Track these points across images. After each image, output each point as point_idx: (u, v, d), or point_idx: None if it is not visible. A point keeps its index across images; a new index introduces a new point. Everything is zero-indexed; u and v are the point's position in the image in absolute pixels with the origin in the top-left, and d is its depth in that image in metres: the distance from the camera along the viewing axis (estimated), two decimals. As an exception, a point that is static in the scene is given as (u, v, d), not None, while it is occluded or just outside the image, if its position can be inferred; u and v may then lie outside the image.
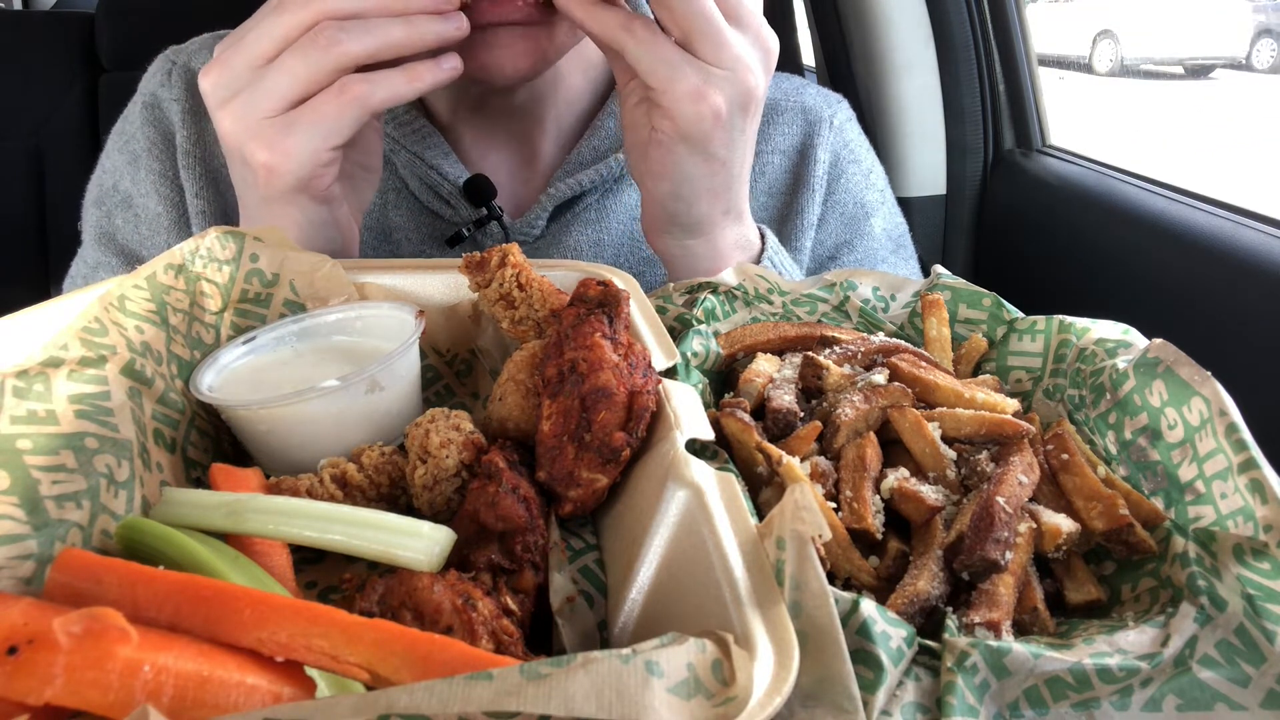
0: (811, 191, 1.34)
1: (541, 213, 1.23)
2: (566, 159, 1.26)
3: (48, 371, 0.59)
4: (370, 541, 0.56)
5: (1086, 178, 1.85)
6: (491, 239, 1.24)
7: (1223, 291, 1.44)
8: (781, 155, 1.35)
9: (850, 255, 1.36)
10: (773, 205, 1.35)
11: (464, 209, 1.23)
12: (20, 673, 0.40)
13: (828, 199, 1.36)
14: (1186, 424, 0.64)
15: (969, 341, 0.86)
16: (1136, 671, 0.51)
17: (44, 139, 2.39)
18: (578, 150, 1.26)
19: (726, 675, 0.43)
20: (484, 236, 1.24)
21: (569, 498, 0.64)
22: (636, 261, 1.30)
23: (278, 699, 0.44)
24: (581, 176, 1.23)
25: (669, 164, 0.96)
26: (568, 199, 1.24)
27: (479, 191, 1.20)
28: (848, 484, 0.66)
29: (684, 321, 0.89)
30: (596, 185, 1.26)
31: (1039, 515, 0.64)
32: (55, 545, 0.54)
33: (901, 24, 2.08)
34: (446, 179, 1.21)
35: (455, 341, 0.92)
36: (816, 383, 0.78)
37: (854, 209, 1.38)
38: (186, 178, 1.24)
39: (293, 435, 0.73)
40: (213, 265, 0.79)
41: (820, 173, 1.35)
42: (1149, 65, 8.12)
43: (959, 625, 0.57)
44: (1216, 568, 0.56)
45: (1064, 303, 1.19)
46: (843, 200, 1.37)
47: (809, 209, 1.34)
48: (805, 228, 1.33)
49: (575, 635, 0.57)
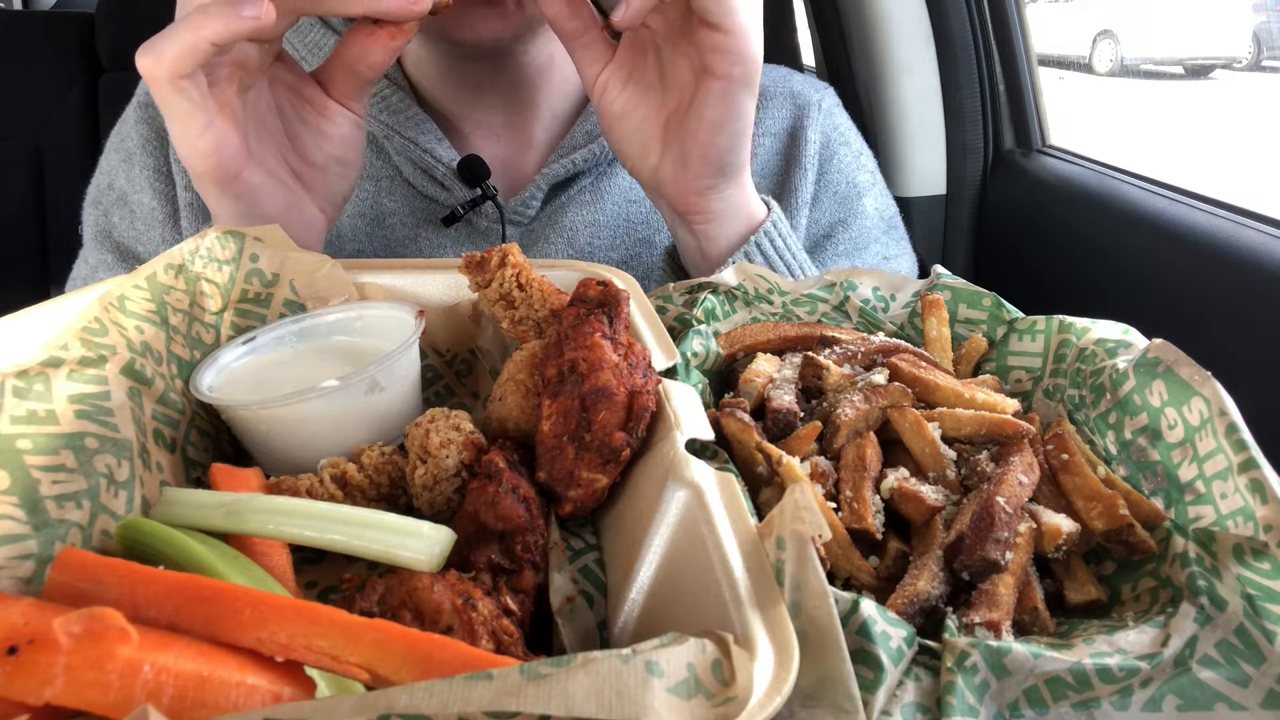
0: (804, 171, 1.35)
1: (536, 192, 1.24)
2: (561, 143, 1.27)
3: (48, 371, 0.59)
4: (370, 541, 0.56)
5: (1086, 178, 1.85)
6: (486, 219, 1.25)
7: (1223, 291, 1.44)
8: (772, 138, 1.37)
9: (845, 233, 1.37)
10: (765, 187, 1.36)
11: (459, 190, 1.24)
12: (20, 673, 0.40)
13: (820, 179, 1.37)
14: (1186, 424, 0.64)
15: (969, 341, 0.86)
16: (1136, 671, 0.51)
17: (44, 139, 2.39)
18: (571, 135, 1.27)
19: (726, 675, 0.43)
20: (479, 217, 1.25)
21: (569, 498, 0.64)
22: (632, 243, 1.30)
23: (278, 699, 0.44)
24: (575, 156, 1.24)
25: (730, 111, 0.94)
26: (562, 179, 1.25)
27: (473, 172, 1.21)
28: (848, 484, 0.66)
29: (684, 321, 0.89)
30: (591, 167, 1.26)
31: (1039, 515, 0.64)
32: (55, 545, 0.54)
33: (901, 24, 2.08)
34: (440, 161, 1.22)
35: (455, 341, 0.92)
36: (816, 383, 0.78)
37: (846, 188, 1.39)
38: (177, 170, 1.25)
39: (293, 435, 0.73)
40: (213, 265, 0.79)
41: (812, 152, 1.36)
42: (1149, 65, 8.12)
43: (959, 625, 0.57)
44: (1216, 568, 0.56)
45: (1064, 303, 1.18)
46: (835, 180, 1.38)
47: (802, 188, 1.35)
48: (799, 206, 1.34)
49: (575, 635, 0.57)
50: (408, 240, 1.26)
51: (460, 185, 1.23)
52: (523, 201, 1.24)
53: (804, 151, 1.36)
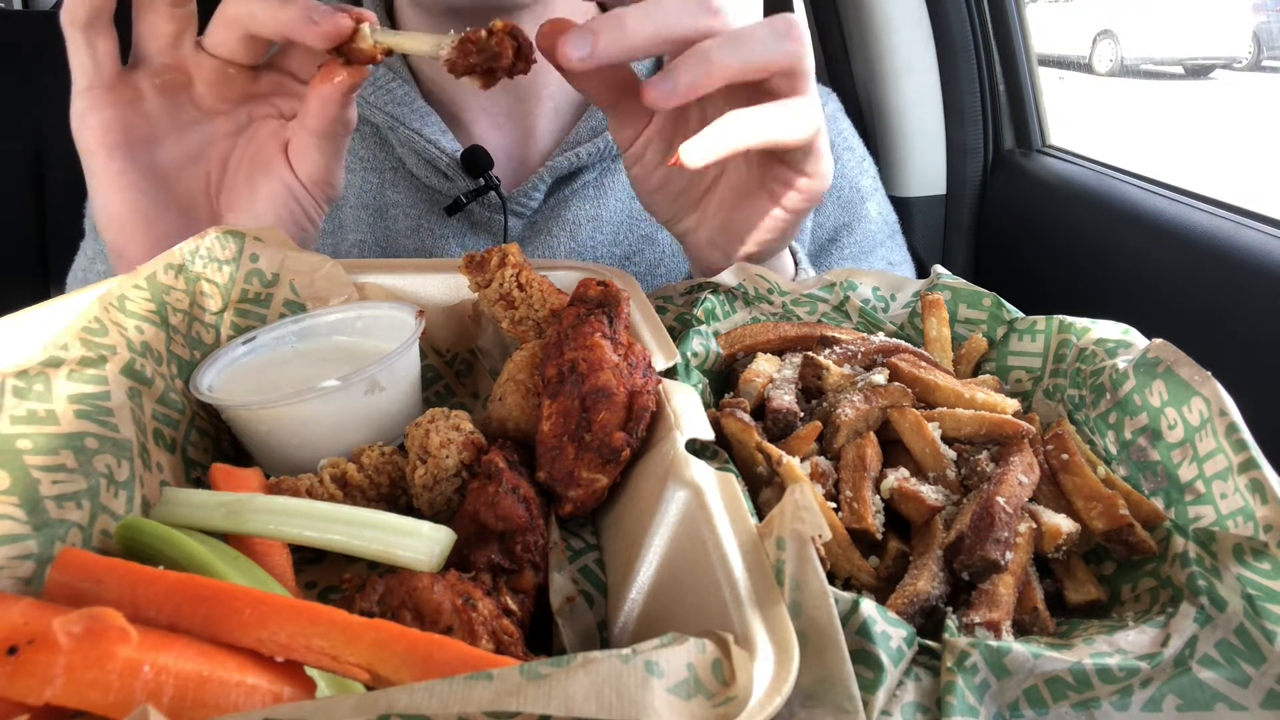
0: None
1: (539, 184, 1.24)
2: (565, 138, 1.27)
3: (48, 371, 0.59)
4: (370, 541, 0.56)
5: (1086, 178, 1.85)
6: (488, 210, 1.25)
7: (1223, 291, 1.44)
8: None
9: (849, 237, 1.38)
10: None
11: (461, 181, 1.24)
12: (20, 673, 0.40)
13: None
14: (1186, 424, 0.64)
15: (969, 341, 0.86)
16: (1136, 671, 0.51)
17: (44, 140, 2.39)
18: (576, 129, 1.27)
19: (726, 675, 0.43)
20: (481, 208, 1.25)
21: (569, 498, 0.64)
22: (635, 239, 1.30)
23: (278, 699, 0.44)
24: (580, 150, 1.24)
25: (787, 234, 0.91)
26: (566, 173, 1.25)
27: (476, 162, 1.20)
28: (848, 484, 0.66)
29: (684, 321, 0.89)
30: (595, 162, 1.26)
31: (1039, 515, 0.64)
32: (55, 545, 0.54)
33: (901, 24, 2.08)
34: (444, 152, 1.22)
35: (455, 341, 0.92)
36: (816, 383, 0.78)
37: (850, 193, 1.40)
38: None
39: (293, 435, 0.73)
40: (213, 265, 0.79)
41: None
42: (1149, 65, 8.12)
43: (959, 625, 0.57)
44: (1216, 568, 0.56)
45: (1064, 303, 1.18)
46: (839, 185, 1.39)
47: None
48: None
49: (575, 635, 0.57)
50: (409, 231, 1.26)
51: (463, 176, 1.23)
52: (525, 193, 1.24)
53: None
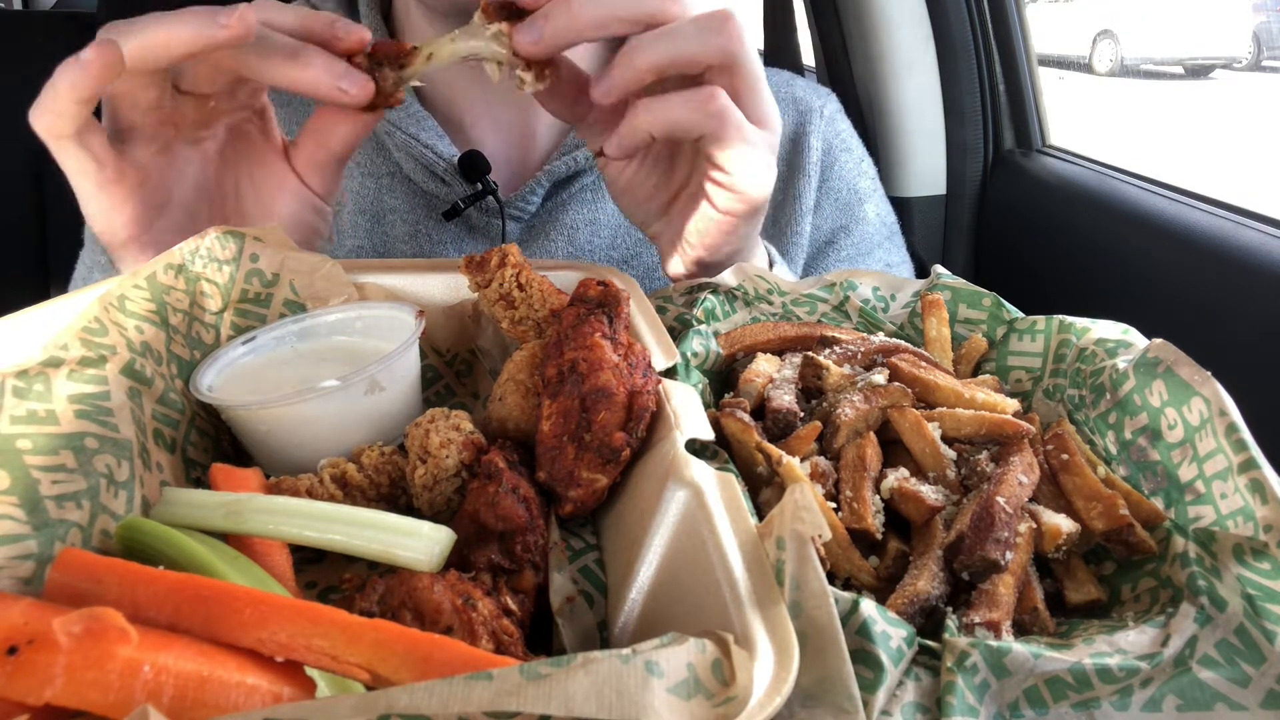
0: (807, 177, 1.35)
1: (537, 188, 1.24)
2: (563, 141, 1.27)
3: (48, 371, 0.59)
4: (370, 541, 0.56)
5: (1086, 178, 1.85)
6: (486, 214, 1.25)
7: (1223, 291, 1.44)
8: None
9: (848, 239, 1.38)
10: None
11: (459, 186, 1.23)
12: (20, 673, 0.40)
13: (822, 185, 1.38)
14: (1186, 424, 0.64)
15: (969, 341, 0.86)
16: (1136, 671, 0.51)
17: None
18: (573, 133, 1.27)
19: (726, 675, 0.43)
20: (479, 213, 1.25)
21: (569, 498, 0.64)
22: (633, 243, 1.30)
23: (278, 699, 0.44)
24: (578, 154, 1.24)
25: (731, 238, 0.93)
26: (564, 177, 1.25)
27: (473, 166, 1.20)
28: (848, 484, 0.66)
29: (684, 321, 0.89)
30: (592, 165, 1.26)
31: (1039, 515, 0.64)
32: (55, 545, 0.54)
33: (901, 24, 2.08)
34: (441, 157, 1.22)
35: (455, 341, 0.92)
36: (816, 383, 0.78)
37: (848, 195, 1.40)
38: None
39: (293, 435, 0.73)
40: (212, 265, 0.79)
41: (814, 159, 1.36)
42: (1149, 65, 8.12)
43: (959, 625, 0.57)
44: (1216, 568, 0.56)
45: (1064, 303, 1.18)
46: (837, 186, 1.39)
47: (805, 194, 1.35)
48: (803, 213, 1.35)
49: (575, 635, 0.57)
50: (407, 236, 1.26)
51: (461, 181, 1.23)
52: (523, 197, 1.24)
53: (807, 159, 1.36)
